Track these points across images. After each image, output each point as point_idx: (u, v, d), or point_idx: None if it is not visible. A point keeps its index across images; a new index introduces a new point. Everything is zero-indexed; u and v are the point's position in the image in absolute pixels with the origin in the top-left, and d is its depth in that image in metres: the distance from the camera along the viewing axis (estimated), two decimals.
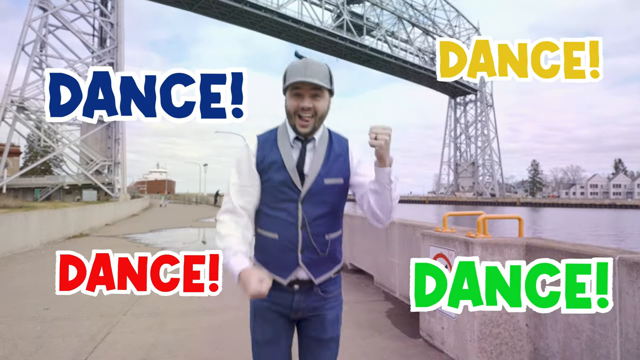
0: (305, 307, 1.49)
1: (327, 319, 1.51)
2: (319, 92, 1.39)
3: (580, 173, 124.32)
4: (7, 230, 8.70)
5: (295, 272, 1.44)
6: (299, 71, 1.37)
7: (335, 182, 1.44)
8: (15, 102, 44.71)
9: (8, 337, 3.66)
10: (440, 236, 3.46)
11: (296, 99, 1.40)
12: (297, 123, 1.41)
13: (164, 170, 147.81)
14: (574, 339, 2.53)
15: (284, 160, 1.42)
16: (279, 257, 1.45)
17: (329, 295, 1.51)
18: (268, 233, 1.45)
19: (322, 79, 1.38)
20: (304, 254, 1.42)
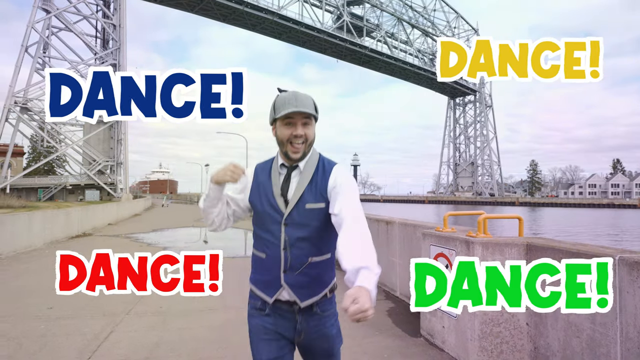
0: (307, 327, 1.54)
1: (332, 335, 1.59)
2: (309, 121, 1.50)
3: (578, 173, 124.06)
4: (11, 230, 8.75)
5: (280, 292, 1.50)
6: (290, 102, 1.47)
7: (316, 207, 1.49)
8: (18, 103, 44.90)
9: (12, 336, 3.70)
10: (441, 236, 3.47)
11: (288, 127, 1.48)
12: (289, 150, 1.50)
13: (166, 170, 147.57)
14: (575, 338, 2.54)
15: (273, 186, 1.53)
16: (266, 276, 1.54)
17: (326, 314, 1.57)
18: (258, 253, 1.56)
19: (311, 109, 1.48)
20: (287, 274, 1.49)
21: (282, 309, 1.52)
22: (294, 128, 1.48)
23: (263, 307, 1.54)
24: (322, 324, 1.55)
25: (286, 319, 1.53)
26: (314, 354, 1.61)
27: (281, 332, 1.53)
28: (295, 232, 1.47)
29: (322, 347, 1.58)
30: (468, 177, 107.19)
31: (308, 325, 1.54)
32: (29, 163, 59.56)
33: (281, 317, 1.53)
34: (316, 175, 1.52)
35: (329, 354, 1.60)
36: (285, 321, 1.53)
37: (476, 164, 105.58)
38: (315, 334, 1.55)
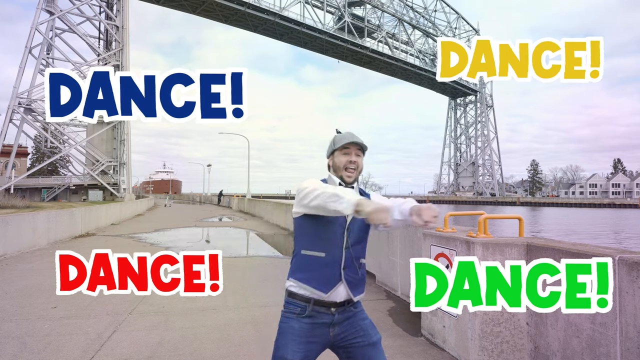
0: (342, 320, 1.72)
1: (367, 326, 1.77)
2: (360, 153, 1.80)
3: (579, 173, 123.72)
4: (15, 230, 8.81)
5: (336, 288, 1.68)
6: (347, 137, 1.79)
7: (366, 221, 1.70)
8: (22, 103, 45.11)
9: (17, 335, 3.73)
10: (441, 236, 3.48)
11: (345, 155, 1.77)
12: (344, 174, 1.77)
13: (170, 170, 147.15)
14: (575, 338, 2.55)
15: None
16: (323, 273, 1.68)
17: (358, 309, 1.79)
18: (314, 252, 1.70)
19: (363, 143, 1.79)
20: (346, 271, 1.70)
21: (320, 312, 1.69)
22: (349, 156, 1.76)
23: (302, 312, 1.69)
24: (355, 317, 1.74)
25: (323, 317, 1.69)
26: (360, 347, 1.72)
27: (315, 335, 1.68)
28: (354, 236, 1.73)
29: (362, 338, 1.72)
30: (469, 177, 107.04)
31: (342, 317, 1.71)
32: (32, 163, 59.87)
33: (318, 317, 1.69)
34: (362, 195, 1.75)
35: (372, 343, 1.73)
36: (321, 320, 1.69)
37: (477, 164, 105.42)
38: (350, 326, 1.72)
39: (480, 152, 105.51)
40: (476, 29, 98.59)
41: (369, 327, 1.76)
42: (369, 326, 1.77)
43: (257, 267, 7.64)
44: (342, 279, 1.68)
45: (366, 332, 1.74)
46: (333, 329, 1.70)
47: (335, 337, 1.71)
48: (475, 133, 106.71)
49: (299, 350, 1.64)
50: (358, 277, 1.73)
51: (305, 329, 1.67)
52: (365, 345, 1.72)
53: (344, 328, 1.72)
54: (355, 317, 1.74)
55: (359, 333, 1.73)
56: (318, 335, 1.68)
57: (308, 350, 1.66)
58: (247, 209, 26.10)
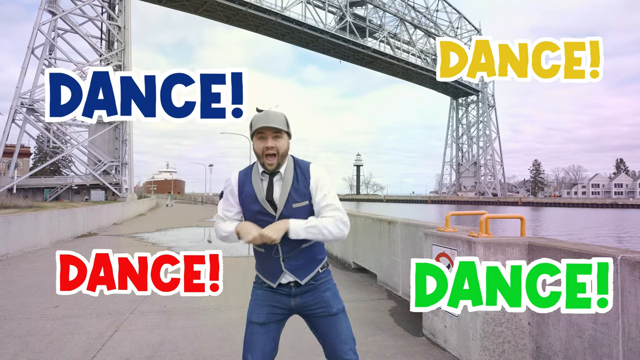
0: (302, 292, 1.79)
1: (328, 297, 1.80)
2: (279, 135, 1.70)
3: (581, 173, 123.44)
4: (18, 229, 8.84)
5: (282, 277, 1.77)
6: (261, 119, 1.68)
7: (302, 205, 1.72)
8: (25, 104, 45.29)
9: (19, 335, 3.74)
10: (443, 235, 3.48)
11: (261, 141, 1.69)
12: (264, 161, 1.70)
13: (173, 170, 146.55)
14: (577, 338, 2.54)
15: (256, 193, 1.72)
16: (267, 265, 1.80)
17: (320, 282, 1.81)
18: (258, 248, 1.79)
19: (280, 124, 1.69)
20: (286, 262, 1.75)
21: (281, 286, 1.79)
22: (265, 141, 1.68)
23: (264, 283, 1.83)
24: (315, 290, 1.79)
25: (282, 291, 1.79)
26: (319, 318, 1.79)
27: (275, 301, 1.79)
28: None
29: (322, 309, 1.78)
30: (471, 177, 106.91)
31: (300, 290, 1.78)
32: (35, 163, 60.08)
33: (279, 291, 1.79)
34: (296, 178, 1.73)
35: (331, 314, 1.78)
36: (282, 295, 1.79)
37: (479, 163, 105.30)
38: (312, 298, 1.78)
39: (482, 152, 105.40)
40: (478, 28, 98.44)
41: (331, 299, 1.80)
42: (330, 297, 1.80)
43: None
44: (284, 270, 1.75)
45: (327, 304, 1.78)
46: (294, 299, 1.78)
47: (297, 306, 1.79)
48: (477, 133, 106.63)
49: (262, 312, 1.78)
50: (300, 262, 1.75)
51: (267, 294, 1.80)
52: (326, 316, 1.78)
53: (305, 299, 1.78)
54: (316, 289, 1.79)
55: (321, 304, 1.78)
56: (279, 301, 1.79)
57: (271, 313, 1.78)
58: None
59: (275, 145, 1.68)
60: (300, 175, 1.74)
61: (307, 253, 1.77)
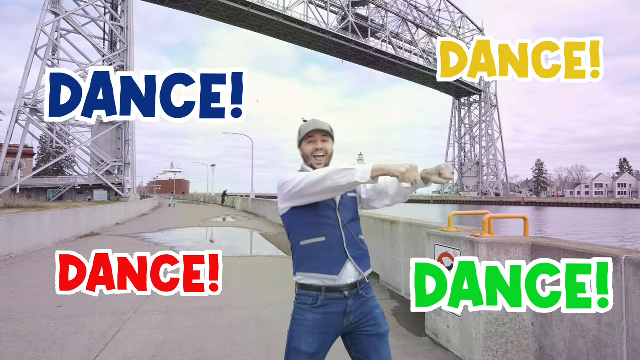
0: (356, 308, 1.72)
1: (378, 316, 1.76)
2: (326, 138, 1.82)
3: (585, 173, 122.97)
4: (21, 229, 8.88)
5: (345, 267, 1.68)
6: (310, 125, 1.81)
7: (353, 195, 1.85)
8: (28, 104, 45.49)
9: (22, 334, 3.76)
10: (445, 235, 3.47)
11: (311, 144, 1.81)
12: (313, 162, 1.80)
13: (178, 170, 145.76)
14: (580, 338, 2.53)
15: None
16: (329, 255, 1.69)
17: (370, 296, 1.78)
18: (314, 239, 1.70)
19: (328, 128, 1.81)
20: (350, 248, 1.72)
21: (334, 298, 1.67)
22: (315, 144, 1.80)
23: (315, 302, 1.67)
24: (367, 305, 1.74)
25: (337, 306, 1.67)
26: (368, 336, 1.72)
27: (329, 325, 1.67)
28: (347, 215, 1.77)
29: (372, 328, 1.73)
30: (473, 177, 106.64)
31: (355, 304, 1.70)
32: (38, 164, 60.35)
33: (332, 306, 1.67)
34: None
35: (379, 335, 1.73)
36: (335, 309, 1.67)
37: (481, 163, 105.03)
38: (363, 314, 1.72)
39: (484, 151, 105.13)
40: (480, 28, 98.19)
41: (380, 317, 1.76)
42: (380, 316, 1.76)
43: (260, 266, 7.65)
44: (349, 257, 1.70)
45: (377, 322, 1.73)
46: (347, 319, 1.69)
47: (348, 327, 1.71)
48: (479, 133, 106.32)
49: (313, 341, 1.64)
50: (362, 252, 1.76)
51: (319, 320, 1.65)
52: (373, 335, 1.72)
53: (358, 316, 1.71)
54: (368, 304, 1.74)
55: (371, 322, 1.73)
56: (332, 326, 1.67)
57: (323, 341, 1.66)
58: (251, 209, 26.15)
59: (324, 147, 1.79)
60: None
61: (363, 245, 1.80)
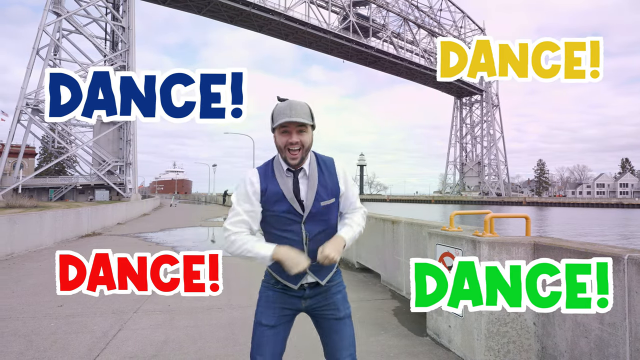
0: (315, 294, 1.75)
1: (338, 301, 1.78)
2: (304, 128, 1.62)
3: (586, 172, 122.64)
4: (23, 229, 8.90)
5: (304, 278, 1.72)
6: (284, 112, 1.59)
7: (329, 202, 1.69)
8: (30, 104, 45.60)
9: (23, 333, 3.76)
10: (447, 235, 3.46)
11: (285, 135, 1.61)
12: (287, 156, 1.62)
13: (180, 170, 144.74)
14: (583, 338, 2.51)
15: (284, 192, 1.64)
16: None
17: (332, 283, 1.79)
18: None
19: (305, 117, 1.60)
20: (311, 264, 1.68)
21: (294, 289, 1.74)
22: (289, 136, 1.59)
23: (276, 284, 1.76)
24: (327, 292, 1.76)
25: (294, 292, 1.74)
26: (326, 320, 1.77)
27: (286, 302, 1.75)
28: (315, 228, 1.67)
29: (330, 312, 1.76)
30: (475, 177, 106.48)
31: (314, 291, 1.74)
32: (40, 164, 60.51)
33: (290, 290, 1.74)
34: (321, 174, 1.68)
35: (338, 319, 1.76)
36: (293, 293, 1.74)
37: (483, 163, 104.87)
38: (322, 299, 1.76)
39: (486, 151, 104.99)
40: (482, 28, 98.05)
41: (340, 302, 1.78)
42: (339, 301, 1.78)
43: (262, 266, 7.63)
44: (308, 272, 1.68)
45: (336, 307, 1.76)
46: (305, 301, 1.75)
47: (307, 307, 1.77)
48: (481, 132, 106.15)
49: (273, 315, 1.73)
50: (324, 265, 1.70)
51: (278, 296, 1.75)
52: (333, 319, 1.76)
53: (316, 300, 1.76)
54: (328, 291, 1.76)
55: (330, 307, 1.76)
56: (290, 303, 1.75)
57: (282, 315, 1.74)
58: None
59: (300, 140, 1.59)
60: (326, 172, 1.69)
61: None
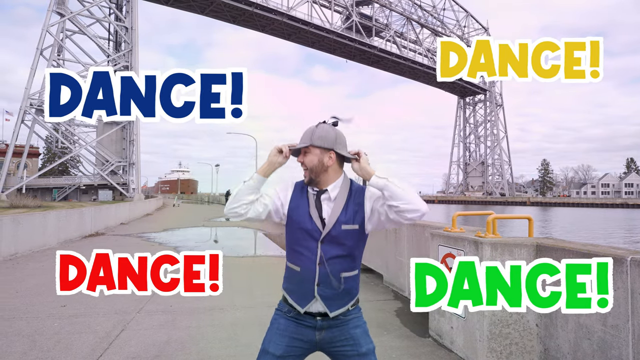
0: (330, 327, 1.64)
1: (358, 335, 1.66)
2: (307, 150, 1.67)
3: (591, 172, 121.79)
4: (26, 229, 8.95)
5: (312, 303, 1.62)
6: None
7: (352, 228, 1.64)
8: (34, 104, 45.82)
9: (27, 333, 3.78)
10: (449, 236, 3.45)
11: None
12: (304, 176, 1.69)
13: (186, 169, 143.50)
14: (585, 340, 2.50)
15: (310, 206, 1.66)
16: (300, 288, 1.65)
17: (349, 318, 1.67)
18: (293, 266, 1.67)
19: (306, 141, 1.66)
20: (320, 287, 1.61)
21: (306, 318, 1.64)
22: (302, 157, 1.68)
23: (289, 312, 1.67)
24: (345, 326, 1.65)
25: (309, 321, 1.64)
26: (342, 355, 1.65)
27: (300, 333, 1.64)
28: (331, 250, 1.61)
29: (351, 348, 1.64)
30: (478, 177, 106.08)
31: (329, 324, 1.63)
32: (44, 164, 60.79)
33: (305, 320, 1.64)
34: (349, 199, 1.67)
35: (360, 354, 1.64)
36: (307, 323, 1.64)
37: (486, 163, 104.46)
38: (339, 332, 1.64)
39: (489, 151, 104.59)
40: (485, 27, 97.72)
41: (360, 337, 1.65)
42: (360, 335, 1.65)
43: (264, 266, 7.65)
44: (316, 295, 1.60)
45: (356, 342, 1.64)
46: (319, 333, 1.64)
47: (322, 341, 1.65)
48: (484, 132, 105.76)
49: (281, 344, 1.63)
50: (337, 292, 1.61)
51: (290, 325, 1.65)
52: (354, 355, 1.63)
53: (332, 333, 1.64)
54: (345, 325, 1.64)
55: (349, 342, 1.64)
56: (303, 334, 1.64)
57: (291, 346, 1.63)
58: None
59: (303, 160, 1.66)
60: (355, 198, 1.67)
61: (340, 284, 1.63)
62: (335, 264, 1.61)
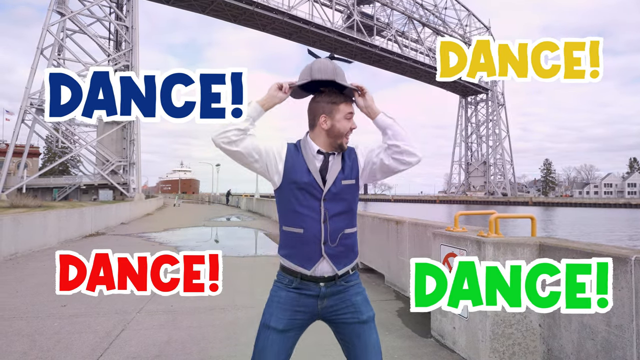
0: (332, 294, 1.63)
1: (359, 302, 1.66)
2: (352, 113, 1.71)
3: (594, 172, 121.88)
4: (27, 229, 8.94)
5: (318, 264, 1.60)
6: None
7: (349, 183, 1.66)
8: (34, 104, 45.85)
9: (27, 333, 3.77)
10: (451, 235, 3.43)
11: (349, 121, 1.66)
12: (344, 142, 1.66)
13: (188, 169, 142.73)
14: (589, 340, 2.48)
15: (309, 166, 1.63)
16: (304, 250, 1.61)
17: (351, 284, 1.67)
18: (293, 229, 1.62)
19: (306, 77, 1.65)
20: (326, 245, 1.60)
21: (309, 286, 1.62)
22: (352, 122, 1.67)
23: (290, 284, 1.64)
24: (346, 292, 1.65)
25: (311, 289, 1.62)
26: (348, 324, 1.65)
27: (301, 304, 1.63)
28: (334, 207, 1.61)
29: (352, 315, 1.65)
30: (480, 177, 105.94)
31: (331, 290, 1.63)
32: (44, 163, 60.88)
33: (306, 289, 1.62)
34: (345, 158, 1.69)
35: (361, 321, 1.64)
36: (309, 292, 1.62)
37: (488, 163, 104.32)
38: (340, 300, 1.64)
39: (491, 151, 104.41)
40: (487, 26, 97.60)
41: (361, 304, 1.66)
42: (361, 303, 1.66)
43: (265, 266, 7.64)
44: (323, 254, 1.59)
45: (357, 309, 1.64)
46: (321, 302, 1.63)
47: (323, 310, 1.64)
48: (486, 132, 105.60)
49: (283, 317, 1.62)
50: (342, 249, 1.62)
51: (291, 298, 1.63)
52: (355, 323, 1.64)
53: (333, 302, 1.64)
54: (346, 291, 1.65)
55: (349, 309, 1.64)
56: (305, 305, 1.63)
57: (293, 319, 1.62)
58: (256, 209, 26.19)
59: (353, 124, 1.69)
60: (348, 157, 1.70)
61: (347, 240, 1.64)
62: (339, 220, 1.62)
